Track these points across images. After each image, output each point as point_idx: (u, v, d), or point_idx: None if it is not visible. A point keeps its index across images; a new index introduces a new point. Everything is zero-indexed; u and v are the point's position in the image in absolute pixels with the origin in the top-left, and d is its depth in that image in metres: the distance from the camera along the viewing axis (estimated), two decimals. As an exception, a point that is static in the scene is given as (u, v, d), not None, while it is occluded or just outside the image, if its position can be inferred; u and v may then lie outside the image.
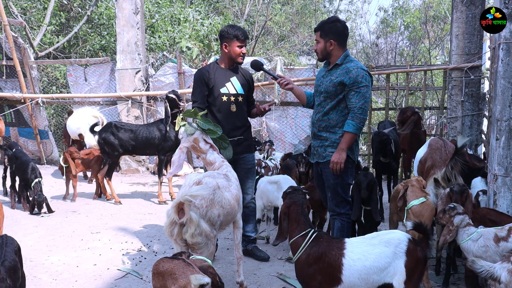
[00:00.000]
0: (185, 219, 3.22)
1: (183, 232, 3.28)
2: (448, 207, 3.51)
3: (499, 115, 3.81)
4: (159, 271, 2.85)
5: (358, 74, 3.78)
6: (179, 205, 3.22)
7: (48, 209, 6.16)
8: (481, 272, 2.82)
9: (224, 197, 3.50)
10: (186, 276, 2.74)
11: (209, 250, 3.38)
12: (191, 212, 3.21)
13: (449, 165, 4.32)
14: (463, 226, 3.42)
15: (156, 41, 12.01)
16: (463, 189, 3.83)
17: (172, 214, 3.25)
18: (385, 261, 2.83)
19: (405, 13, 17.63)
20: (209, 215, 3.36)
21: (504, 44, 3.76)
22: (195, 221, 3.23)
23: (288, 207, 3.10)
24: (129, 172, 9.32)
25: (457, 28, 7.27)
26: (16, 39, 9.63)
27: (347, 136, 3.81)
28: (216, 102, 4.41)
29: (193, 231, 3.25)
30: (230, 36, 4.40)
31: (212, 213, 3.38)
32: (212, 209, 3.38)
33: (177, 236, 3.31)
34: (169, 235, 3.38)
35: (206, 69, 4.53)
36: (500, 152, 3.83)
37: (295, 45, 16.23)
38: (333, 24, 3.90)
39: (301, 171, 5.71)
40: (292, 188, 3.30)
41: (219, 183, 3.52)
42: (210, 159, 3.94)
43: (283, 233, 3.11)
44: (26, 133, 10.09)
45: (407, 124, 6.39)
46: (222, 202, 3.47)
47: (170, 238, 3.41)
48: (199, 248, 3.31)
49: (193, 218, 3.22)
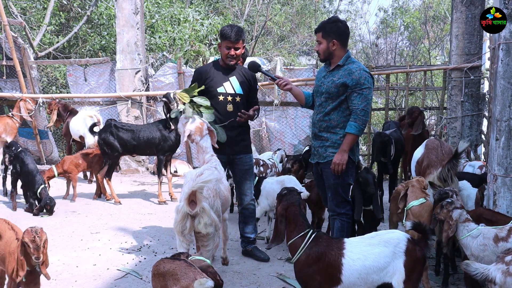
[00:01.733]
0: (199, 209, 3.26)
1: (196, 224, 3.33)
2: (446, 202, 3.51)
3: (499, 116, 3.81)
4: (160, 271, 2.84)
5: (361, 76, 3.79)
6: (190, 196, 3.26)
7: (50, 211, 6.18)
8: (476, 274, 2.83)
9: (221, 188, 3.58)
10: (188, 277, 2.73)
11: (215, 243, 3.46)
12: (203, 202, 3.26)
13: (446, 167, 4.33)
14: (462, 221, 3.42)
15: (156, 41, 12.00)
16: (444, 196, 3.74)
17: (184, 206, 3.30)
18: (384, 261, 2.83)
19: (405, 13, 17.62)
20: (216, 205, 3.47)
21: (504, 44, 3.76)
22: (207, 210, 3.29)
23: (286, 209, 3.07)
24: (128, 172, 9.32)
25: (457, 28, 7.27)
26: (16, 39, 9.62)
27: (349, 137, 3.81)
28: (213, 102, 4.40)
29: (206, 221, 3.32)
30: (222, 36, 4.38)
31: (217, 203, 3.49)
32: (217, 199, 3.48)
33: (189, 229, 3.36)
34: (179, 231, 3.40)
35: (204, 68, 4.53)
36: (499, 152, 3.84)
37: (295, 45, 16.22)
38: (334, 24, 3.90)
39: (288, 167, 5.76)
40: (287, 189, 3.26)
41: (216, 175, 3.59)
42: (204, 145, 4.02)
43: (279, 235, 3.08)
44: (26, 133, 10.08)
45: (417, 124, 6.40)
46: (220, 193, 3.56)
47: (179, 235, 3.44)
48: (207, 240, 3.37)
49: (205, 207, 3.30)
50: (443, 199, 3.72)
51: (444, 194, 3.75)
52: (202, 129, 4.06)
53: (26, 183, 6.32)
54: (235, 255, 4.72)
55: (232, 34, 4.30)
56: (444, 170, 4.34)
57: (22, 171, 6.30)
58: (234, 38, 4.31)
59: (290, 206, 3.08)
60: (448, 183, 4.30)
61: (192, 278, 2.72)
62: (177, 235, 3.52)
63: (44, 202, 6.05)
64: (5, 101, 9.96)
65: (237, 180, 4.65)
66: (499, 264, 2.81)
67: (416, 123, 6.39)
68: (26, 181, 6.29)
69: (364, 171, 4.20)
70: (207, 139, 4.06)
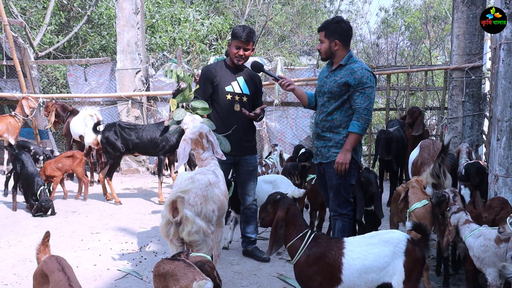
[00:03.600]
0: (179, 218, 3.20)
1: (180, 231, 3.27)
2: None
3: (500, 116, 3.80)
4: (160, 272, 2.84)
5: (363, 75, 3.78)
6: (172, 203, 3.21)
7: (52, 212, 6.18)
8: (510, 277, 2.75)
9: (215, 193, 3.51)
10: (187, 277, 2.74)
11: (208, 247, 3.38)
12: (186, 210, 3.20)
13: (436, 162, 4.32)
14: (462, 223, 3.41)
15: (157, 41, 12.01)
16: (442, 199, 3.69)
17: (166, 213, 3.24)
18: (384, 261, 2.82)
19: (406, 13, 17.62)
20: (205, 211, 3.37)
21: (505, 44, 3.75)
22: (191, 219, 3.21)
23: (286, 212, 3.02)
24: (129, 172, 9.32)
25: (458, 28, 7.26)
26: (16, 39, 9.63)
27: (352, 136, 3.80)
28: (220, 100, 4.40)
29: (189, 229, 3.23)
30: (233, 35, 4.37)
31: (207, 209, 3.38)
32: (207, 205, 3.39)
33: (173, 235, 3.30)
34: (164, 236, 3.36)
35: (213, 67, 4.52)
36: (501, 153, 3.83)
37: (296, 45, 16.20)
38: (338, 24, 3.89)
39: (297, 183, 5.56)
40: (279, 194, 3.18)
41: (210, 179, 3.53)
42: (204, 156, 3.90)
43: (279, 240, 3.02)
44: (26, 133, 10.08)
45: (417, 125, 6.37)
46: (214, 197, 3.49)
47: (166, 239, 3.39)
48: (196, 246, 3.31)
49: (188, 216, 3.20)
50: (441, 202, 3.69)
51: (441, 197, 3.70)
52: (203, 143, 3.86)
53: (25, 185, 6.31)
54: (236, 255, 4.71)
55: (243, 34, 4.29)
56: (435, 166, 4.33)
57: (22, 173, 6.31)
58: (244, 39, 4.31)
59: (290, 208, 3.05)
60: (441, 179, 4.29)
61: (191, 278, 2.72)
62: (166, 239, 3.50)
63: (39, 204, 6.05)
64: (6, 101, 9.96)
65: (241, 180, 4.64)
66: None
67: (417, 124, 6.38)
68: (26, 183, 6.29)
69: (366, 171, 4.19)
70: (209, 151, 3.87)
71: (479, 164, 4.49)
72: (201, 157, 3.86)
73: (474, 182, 4.32)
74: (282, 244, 3.07)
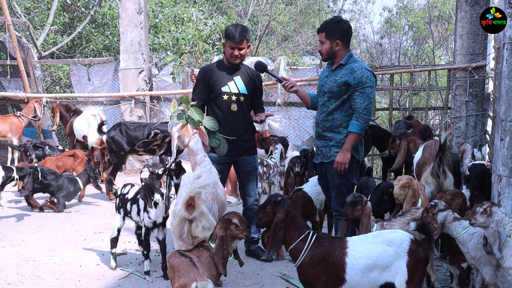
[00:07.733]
0: (196, 213, 3.22)
1: (193, 228, 3.29)
2: (430, 205, 3.45)
3: (504, 116, 3.79)
4: (170, 264, 3.02)
5: (363, 74, 3.77)
6: (188, 201, 3.23)
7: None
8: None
9: (218, 192, 3.54)
10: (188, 276, 2.79)
11: None
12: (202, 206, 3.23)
13: (435, 161, 4.31)
14: (450, 221, 3.38)
15: (160, 41, 12.02)
16: (356, 200, 3.48)
17: (182, 211, 3.26)
18: (387, 260, 2.82)
19: (409, 13, 17.61)
20: (213, 209, 3.41)
21: (509, 44, 3.73)
22: (206, 214, 3.24)
23: (286, 215, 2.99)
24: (132, 172, 9.32)
25: (461, 28, 7.24)
26: (19, 39, 9.64)
27: (351, 136, 3.80)
28: (217, 101, 4.39)
29: (204, 224, 3.27)
30: (226, 36, 4.35)
31: (214, 207, 3.42)
32: (214, 203, 3.42)
33: (187, 233, 3.32)
34: (177, 235, 3.37)
35: (208, 68, 4.52)
36: (504, 153, 3.81)
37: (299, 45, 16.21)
38: (338, 24, 3.88)
39: (297, 171, 5.65)
40: (280, 196, 3.15)
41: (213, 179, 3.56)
42: (194, 147, 3.89)
43: (277, 242, 2.98)
44: (29, 132, 10.09)
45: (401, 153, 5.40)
46: (218, 197, 3.50)
47: (177, 239, 3.41)
48: None
49: (204, 211, 3.24)
50: (356, 202, 3.45)
51: (357, 197, 3.48)
52: (189, 129, 3.91)
53: None
54: (238, 255, 4.70)
55: (236, 34, 4.25)
56: (435, 165, 4.32)
57: None
58: (238, 39, 4.27)
59: (290, 210, 3.02)
60: (441, 179, 4.28)
61: (192, 278, 2.77)
62: (176, 239, 3.50)
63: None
64: (9, 101, 9.98)
65: (240, 181, 4.64)
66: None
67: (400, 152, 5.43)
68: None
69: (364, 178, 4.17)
70: (198, 141, 3.92)
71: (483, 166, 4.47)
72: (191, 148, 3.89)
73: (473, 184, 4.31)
74: (281, 246, 3.06)
